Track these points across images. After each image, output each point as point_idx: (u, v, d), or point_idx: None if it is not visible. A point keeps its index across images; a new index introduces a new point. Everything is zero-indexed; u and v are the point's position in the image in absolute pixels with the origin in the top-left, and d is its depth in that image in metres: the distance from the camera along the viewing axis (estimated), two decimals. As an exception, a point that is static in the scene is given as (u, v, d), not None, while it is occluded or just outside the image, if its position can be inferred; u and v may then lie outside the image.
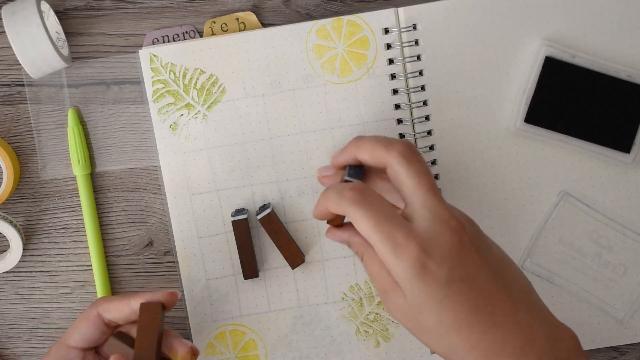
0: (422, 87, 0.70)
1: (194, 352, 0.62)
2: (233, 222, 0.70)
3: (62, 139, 0.71)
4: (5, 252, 0.72)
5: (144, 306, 0.61)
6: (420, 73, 0.70)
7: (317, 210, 0.62)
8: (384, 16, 0.70)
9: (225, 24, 0.71)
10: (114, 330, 0.64)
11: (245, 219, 0.70)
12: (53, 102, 0.71)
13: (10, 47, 0.69)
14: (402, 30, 0.70)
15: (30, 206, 0.72)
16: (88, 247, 0.72)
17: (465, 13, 0.69)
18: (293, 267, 0.70)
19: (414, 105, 0.70)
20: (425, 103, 0.70)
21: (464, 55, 0.70)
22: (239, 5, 0.71)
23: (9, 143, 0.71)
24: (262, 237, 0.71)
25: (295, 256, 0.70)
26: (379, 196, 0.59)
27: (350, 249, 0.63)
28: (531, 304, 0.59)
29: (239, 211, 0.70)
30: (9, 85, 0.71)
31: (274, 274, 0.71)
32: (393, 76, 0.70)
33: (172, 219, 0.71)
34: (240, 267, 0.71)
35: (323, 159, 0.70)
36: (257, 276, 0.70)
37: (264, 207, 0.70)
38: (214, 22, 0.71)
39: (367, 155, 0.61)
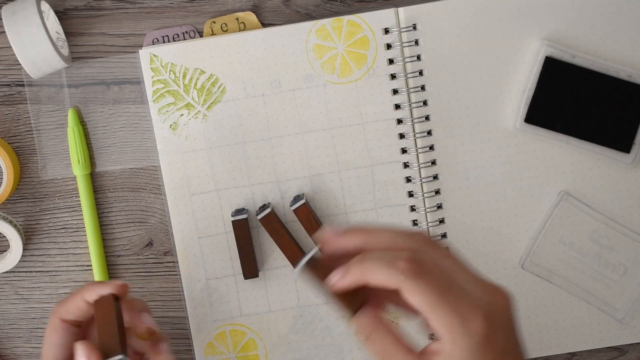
0: (422, 87, 0.70)
1: (151, 332, 0.61)
2: (233, 222, 0.70)
3: (62, 139, 0.71)
4: (5, 252, 0.72)
5: (97, 302, 0.60)
6: (420, 73, 0.70)
7: (348, 278, 0.53)
8: (384, 16, 0.70)
9: (225, 24, 0.71)
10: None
11: (245, 219, 0.70)
12: (53, 102, 0.71)
13: (10, 47, 0.69)
14: (402, 30, 0.70)
15: (30, 206, 0.72)
16: (88, 247, 0.72)
17: (465, 13, 0.69)
18: (295, 266, 0.70)
19: (414, 105, 0.70)
20: (425, 103, 0.70)
21: (464, 55, 0.70)
22: (239, 5, 0.71)
23: (9, 143, 0.71)
24: (262, 237, 0.71)
25: (297, 255, 0.70)
26: (435, 265, 0.54)
27: (356, 328, 0.56)
28: None
29: (239, 211, 0.70)
30: (9, 85, 0.71)
31: (274, 274, 0.71)
32: (393, 76, 0.70)
33: (172, 219, 0.71)
34: (240, 267, 0.71)
35: (323, 159, 0.70)
36: (257, 276, 0.70)
37: (264, 207, 0.70)
38: (214, 22, 0.71)
39: (378, 280, 0.54)
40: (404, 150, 0.70)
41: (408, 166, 0.71)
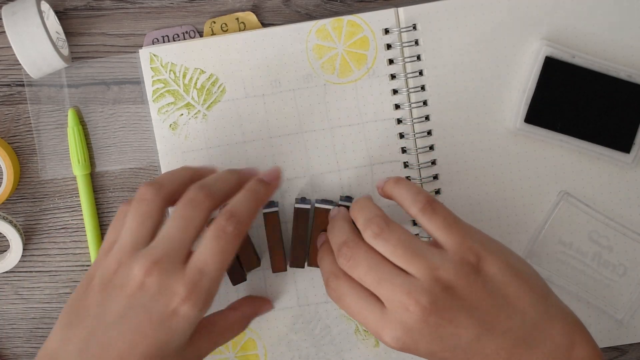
0: (422, 87, 0.70)
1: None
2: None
3: (62, 139, 0.71)
4: (5, 252, 0.72)
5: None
6: (420, 73, 0.70)
7: (386, 187, 0.66)
8: (384, 16, 0.70)
9: (225, 24, 0.71)
10: None
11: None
12: (53, 102, 0.71)
13: (10, 47, 0.69)
14: (402, 30, 0.70)
15: (30, 206, 0.72)
16: (88, 247, 0.72)
17: (465, 13, 0.69)
18: (274, 272, 0.69)
19: (414, 105, 0.70)
20: (425, 103, 0.70)
21: (463, 55, 0.70)
22: (239, 5, 0.71)
23: (9, 143, 0.72)
24: (262, 237, 0.71)
25: (280, 262, 0.69)
26: (446, 207, 0.63)
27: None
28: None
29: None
30: (9, 85, 0.71)
31: (273, 274, 0.71)
32: (393, 76, 0.70)
33: (172, 219, 0.71)
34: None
35: (323, 159, 0.70)
36: (245, 280, 0.69)
37: (271, 204, 0.69)
38: (214, 22, 0.71)
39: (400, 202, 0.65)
40: (403, 150, 0.70)
41: (408, 166, 0.71)
